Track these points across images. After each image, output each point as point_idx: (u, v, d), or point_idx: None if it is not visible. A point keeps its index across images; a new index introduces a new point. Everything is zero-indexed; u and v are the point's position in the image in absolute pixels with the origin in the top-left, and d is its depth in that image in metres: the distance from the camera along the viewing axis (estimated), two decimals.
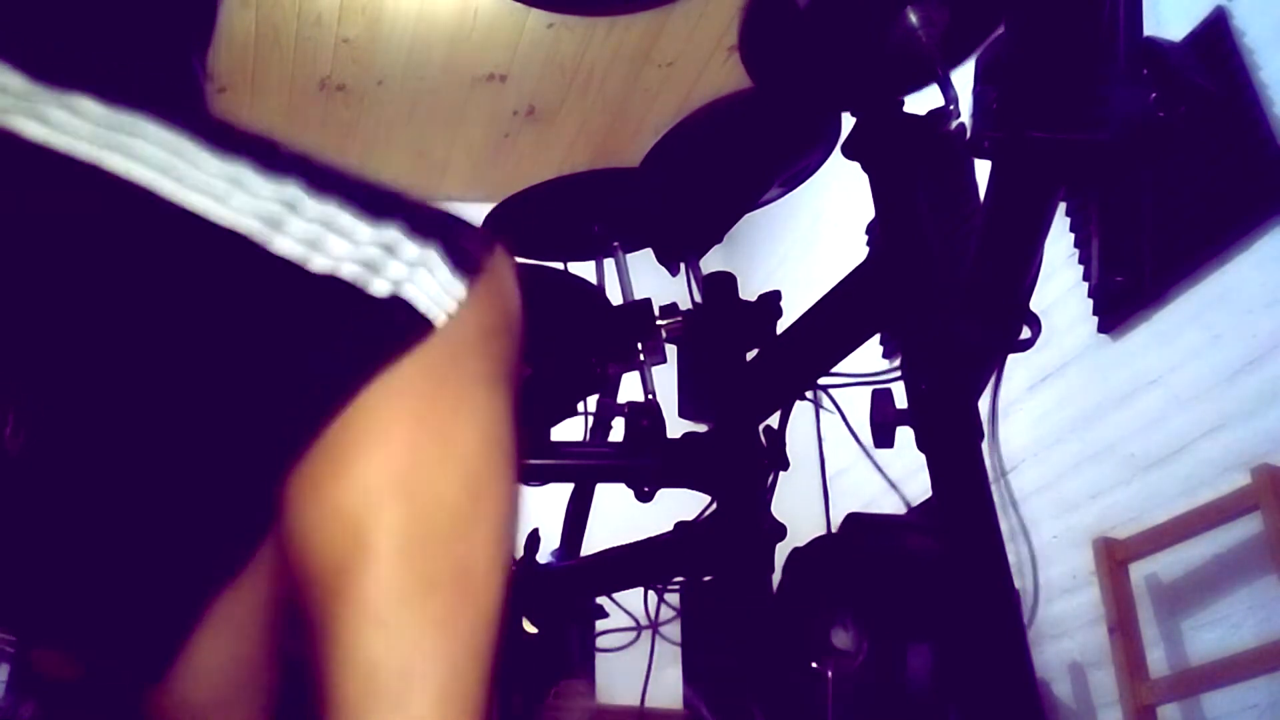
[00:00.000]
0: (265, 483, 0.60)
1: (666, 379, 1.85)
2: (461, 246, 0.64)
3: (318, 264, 0.60)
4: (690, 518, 1.85)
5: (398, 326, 0.61)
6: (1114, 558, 2.43)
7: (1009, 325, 1.34)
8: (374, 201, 0.64)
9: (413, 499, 0.59)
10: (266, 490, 0.60)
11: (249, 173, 0.61)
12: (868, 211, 1.49)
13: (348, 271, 0.61)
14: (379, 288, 0.61)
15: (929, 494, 1.32)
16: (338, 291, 0.60)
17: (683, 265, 1.97)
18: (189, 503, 0.70)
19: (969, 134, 1.21)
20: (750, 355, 1.83)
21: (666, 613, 2.05)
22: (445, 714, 0.56)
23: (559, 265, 1.98)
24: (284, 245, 0.60)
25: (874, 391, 1.37)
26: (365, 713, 0.56)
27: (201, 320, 0.61)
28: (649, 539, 1.86)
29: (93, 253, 0.60)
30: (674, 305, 1.86)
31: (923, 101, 1.43)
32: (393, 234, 0.62)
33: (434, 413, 0.61)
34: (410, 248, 0.62)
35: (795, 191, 2.08)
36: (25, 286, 0.60)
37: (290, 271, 0.60)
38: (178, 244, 0.60)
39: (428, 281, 0.62)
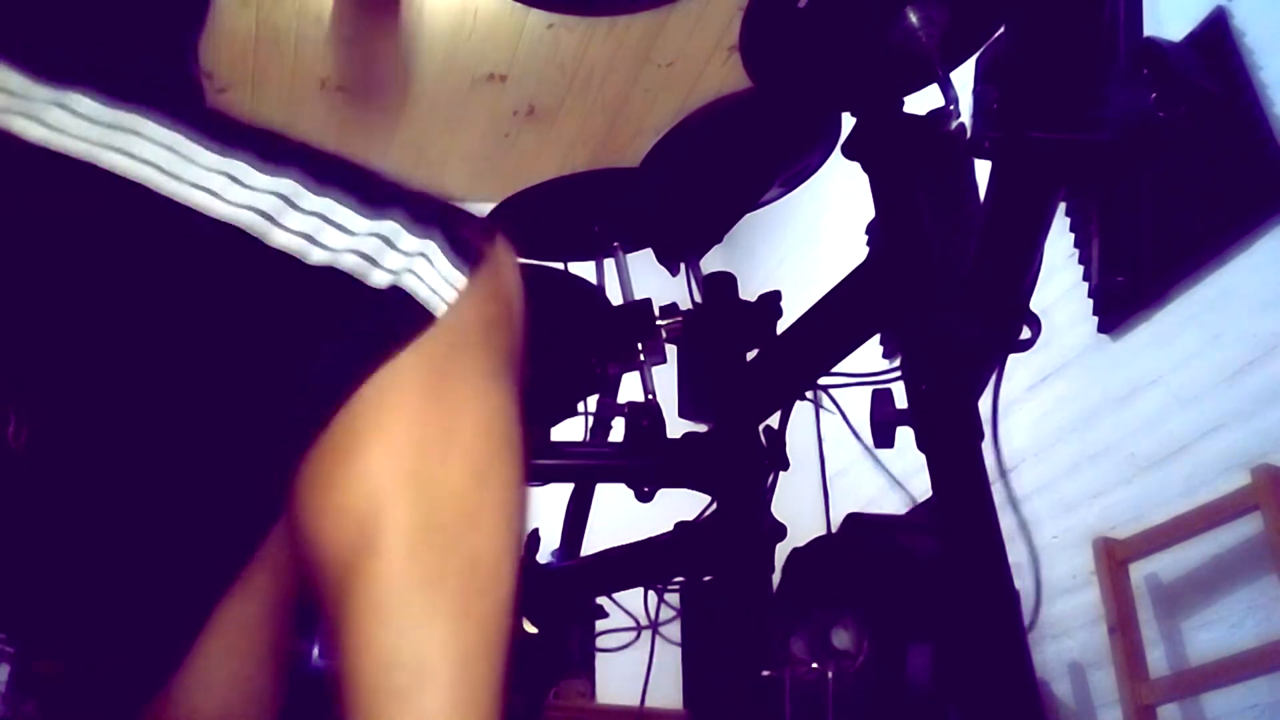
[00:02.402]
0: (270, 477, 0.60)
1: (666, 379, 1.85)
2: (461, 236, 0.64)
3: (316, 257, 0.60)
4: (690, 518, 1.85)
5: (397, 318, 0.61)
6: (1114, 558, 2.43)
7: (1009, 325, 1.34)
8: (372, 192, 0.64)
9: (418, 492, 0.59)
10: (271, 485, 0.60)
11: (246, 166, 0.61)
12: (868, 211, 1.49)
13: (346, 264, 0.61)
14: (378, 279, 0.61)
15: (929, 494, 1.32)
16: (337, 284, 0.60)
17: (683, 265, 1.97)
18: (191, 499, 0.70)
19: (969, 134, 1.21)
20: (750, 355, 1.83)
21: (666, 613, 2.05)
22: (458, 706, 0.56)
23: (559, 265, 1.98)
24: (282, 239, 0.60)
25: (874, 391, 1.37)
26: (379, 706, 0.56)
27: (201, 315, 0.61)
28: (649, 539, 1.86)
29: (93, 251, 0.60)
30: (674, 305, 1.86)
31: (923, 101, 1.43)
32: (391, 225, 0.62)
33: (437, 404, 0.60)
34: (409, 238, 0.62)
35: (795, 191, 2.08)
36: (27, 285, 0.60)
37: (289, 265, 0.60)
38: (176, 240, 0.60)
39: (427, 272, 0.62)
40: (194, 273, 0.61)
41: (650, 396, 1.80)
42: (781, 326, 1.81)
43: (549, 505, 2.16)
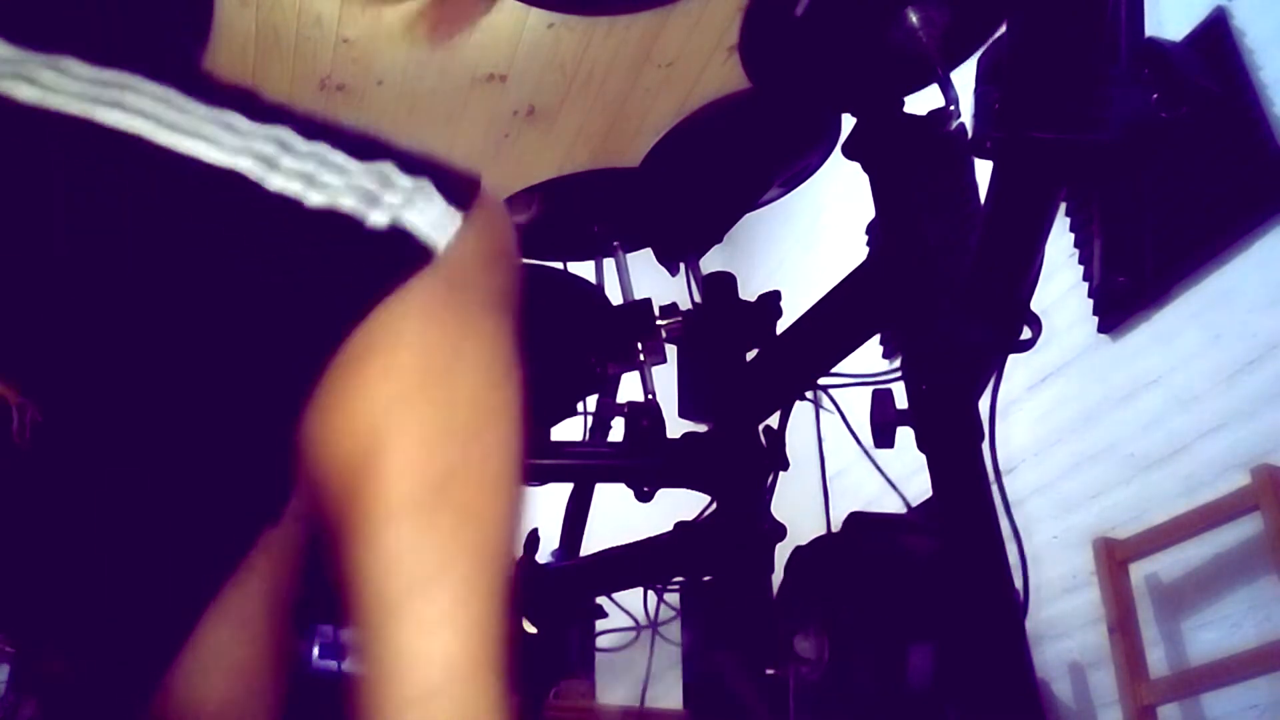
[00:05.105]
0: (281, 423, 0.61)
1: (666, 379, 1.85)
2: (452, 179, 0.66)
3: (314, 198, 0.61)
4: (690, 518, 1.84)
5: (398, 255, 0.62)
6: (1114, 558, 2.43)
7: (1009, 325, 1.34)
8: (362, 140, 0.66)
9: (425, 405, 0.60)
10: (282, 438, 0.61)
11: (238, 117, 0.63)
12: (868, 211, 1.49)
13: (345, 204, 0.62)
14: (377, 218, 0.62)
15: (929, 494, 1.31)
16: (336, 224, 0.61)
17: (683, 265, 1.97)
18: (197, 477, 0.70)
19: (970, 134, 1.21)
20: (750, 355, 1.82)
21: (666, 613, 2.05)
22: (468, 602, 0.57)
23: (559, 265, 1.98)
24: (279, 182, 0.61)
25: (874, 391, 1.37)
26: (389, 605, 0.57)
27: (203, 261, 0.61)
28: (649, 539, 1.85)
29: (92, 205, 0.60)
30: (674, 305, 1.86)
31: (923, 101, 1.43)
32: (385, 167, 0.64)
33: (441, 332, 0.62)
34: (403, 180, 0.64)
35: (795, 191, 2.08)
36: (27, 249, 0.60)
37: (288, 207, 0.61)
38: (174, 188, 0.61)
39: (425, 209, 0.63)
40: (194, 219, 0.61)
41: (650, 396, 1.80)
42: (781, 326, 1.81)
43: (549, 505, 2.16)
